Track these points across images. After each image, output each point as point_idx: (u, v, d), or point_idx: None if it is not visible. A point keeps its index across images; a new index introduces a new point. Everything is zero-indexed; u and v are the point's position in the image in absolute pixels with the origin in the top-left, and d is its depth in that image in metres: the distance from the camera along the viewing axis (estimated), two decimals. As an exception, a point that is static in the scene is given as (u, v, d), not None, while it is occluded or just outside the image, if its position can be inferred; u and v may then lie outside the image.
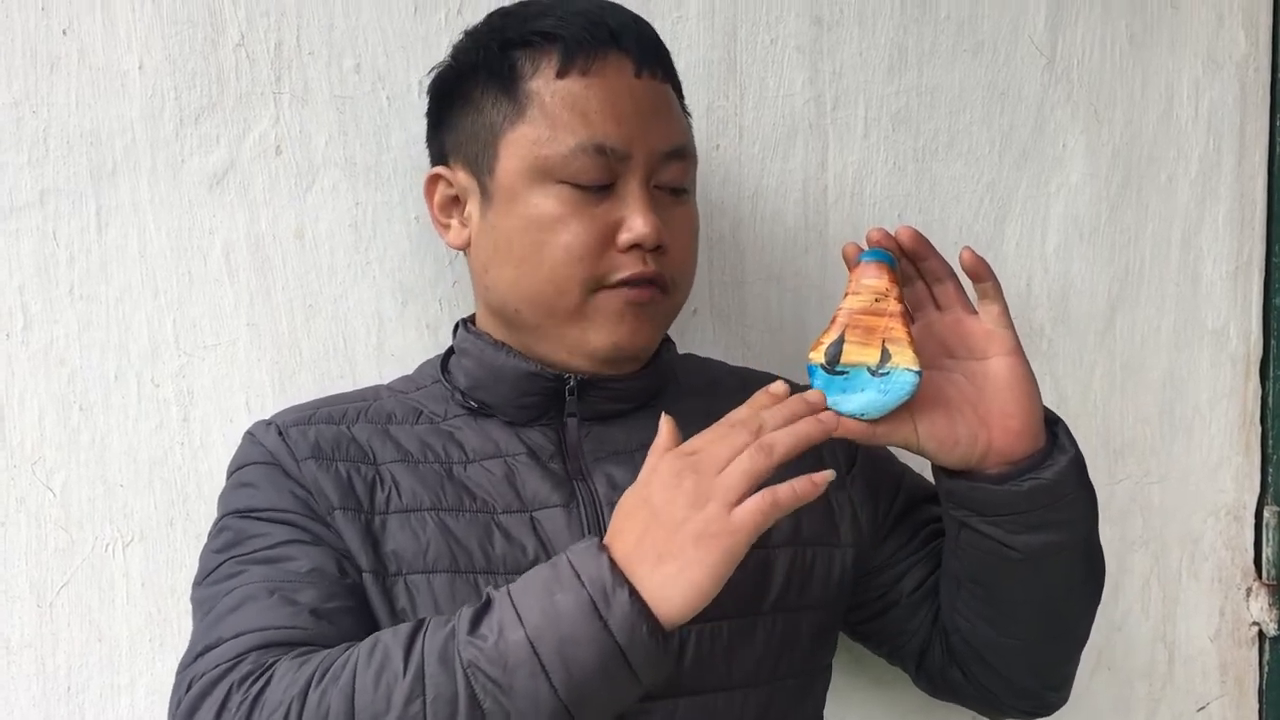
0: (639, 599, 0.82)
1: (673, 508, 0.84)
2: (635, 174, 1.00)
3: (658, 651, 0.83)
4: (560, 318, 1.01)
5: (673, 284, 1.03)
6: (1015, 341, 0.97)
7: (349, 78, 1.20)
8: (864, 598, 1.13)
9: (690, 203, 1.06)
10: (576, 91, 0.99)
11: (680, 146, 1.03)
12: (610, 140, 0.99)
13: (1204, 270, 1.52)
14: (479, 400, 1.05)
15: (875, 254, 0.95)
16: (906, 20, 1.38)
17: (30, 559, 1.14)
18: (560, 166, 0.99)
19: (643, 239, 0.99)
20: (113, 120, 1.14)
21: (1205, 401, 1.52)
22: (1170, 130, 1.49)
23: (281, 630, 0.89)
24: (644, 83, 1.02)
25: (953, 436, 0.96)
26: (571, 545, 0.88)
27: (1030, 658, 1.07)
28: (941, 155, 1.40)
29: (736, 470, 0.85)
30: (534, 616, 0.82)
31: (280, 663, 0.86)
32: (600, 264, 0.99)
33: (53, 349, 1.14)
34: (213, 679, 0.86)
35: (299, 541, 0.95)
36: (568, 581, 0.83)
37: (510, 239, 1.01)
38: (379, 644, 0.85)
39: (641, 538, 0.85)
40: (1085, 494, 0.99)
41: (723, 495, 0.84)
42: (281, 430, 1.00)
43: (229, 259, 1.18)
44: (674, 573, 0.83)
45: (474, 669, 0.81)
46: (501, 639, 0.82)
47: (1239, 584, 1.55)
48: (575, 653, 0.81)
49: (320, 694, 0.82)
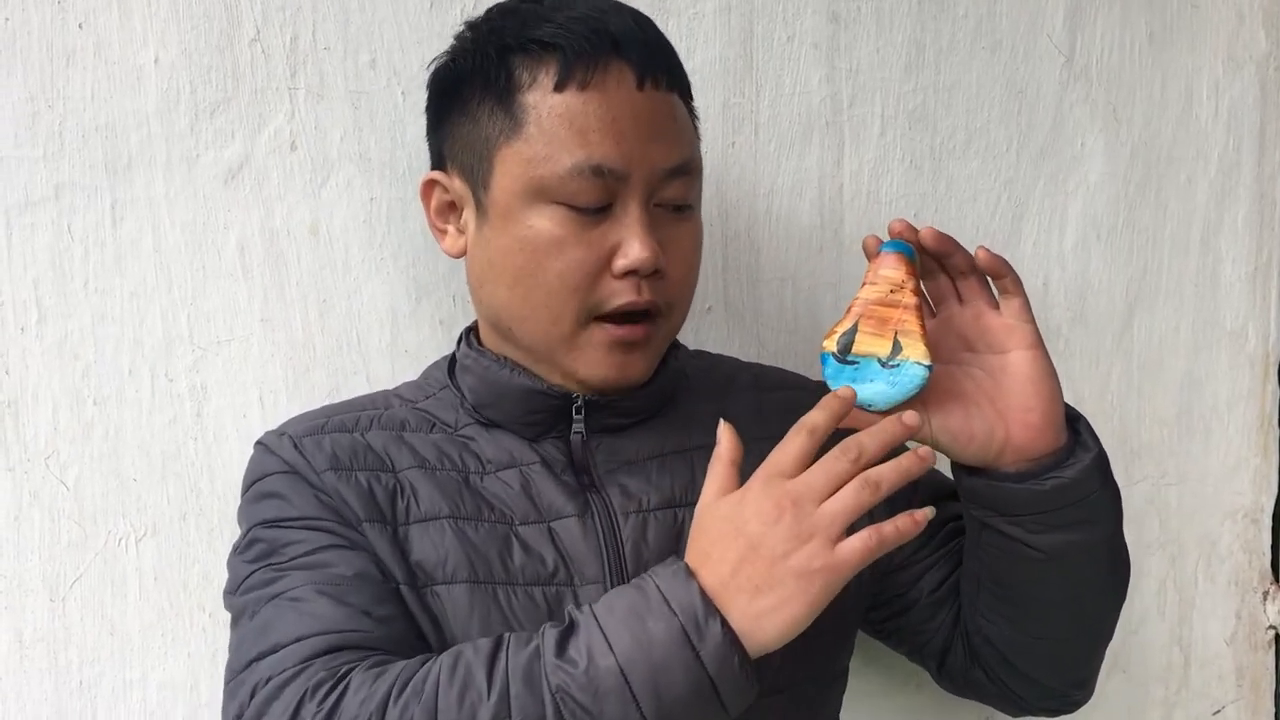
0: (730, 631, 0.82)
1: (773, 540, 0.83)
2: (634, 194, 0.96)
3: (746, 683, 0.83)
4: (552, 344, 0.98)
5: (669, 307, 1.00)
6: (1036, 336, 0.96)
7: (364, 73, 1.20)
8: (884, 597, 1.12)
9: (694, 217, 1.02)
10: (575, 107, 0.95)
11: (683, 163, 0.98)
12: (609, 161, 0.94)
13: (1223, 271, 1.51)
14: (486, 416, 1.03)
15: (895, 245, 0.94)
16: (924, 17, 1.37)
17: (43, 553, 1.14)
18: (557, 187, 0.95)
19: (640, 265, 0.95)
20: (128, 115, 1.14)
21: (1223, 403, 1.52)
22: (1190, 130, 1.48)
23: (343, 634, 0.88)
24: (646, 95, 0.97)
25: (968, 431, 0.95)
26: (654, 567, 0.87)
27: (1054, 657, 1.06)
28: (959, 154, 1.40)
29: (841, 506, 0.84)
30: (624, 643, 0.82)
31: (355, 672, 0.84)
32: (595, 292, 0.96)
33: (67, 343, 1.14)
34: (280, 684, 0.85)
35: (337, 547, 0.93)
36: (657, 608, 0.83)
37: (505, 258, 0.98)
38: (460, 659, 0.84)
39: (738, 568, 0.84)
40: (1109, 492, 0.98)
41: (826, 530, 0.83)
42: (296, 441, 0.99)
43: (243, 254, 1.18)
44: (772, 606, 0.83)
45: (563, 694, 0.81)
46: (592, 665, 0.81)
47: (1255, 587, 1.54)
48: (667, 682, 0.81)
49: (401, 709, 0.81)
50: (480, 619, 0.93)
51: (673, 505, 1.00)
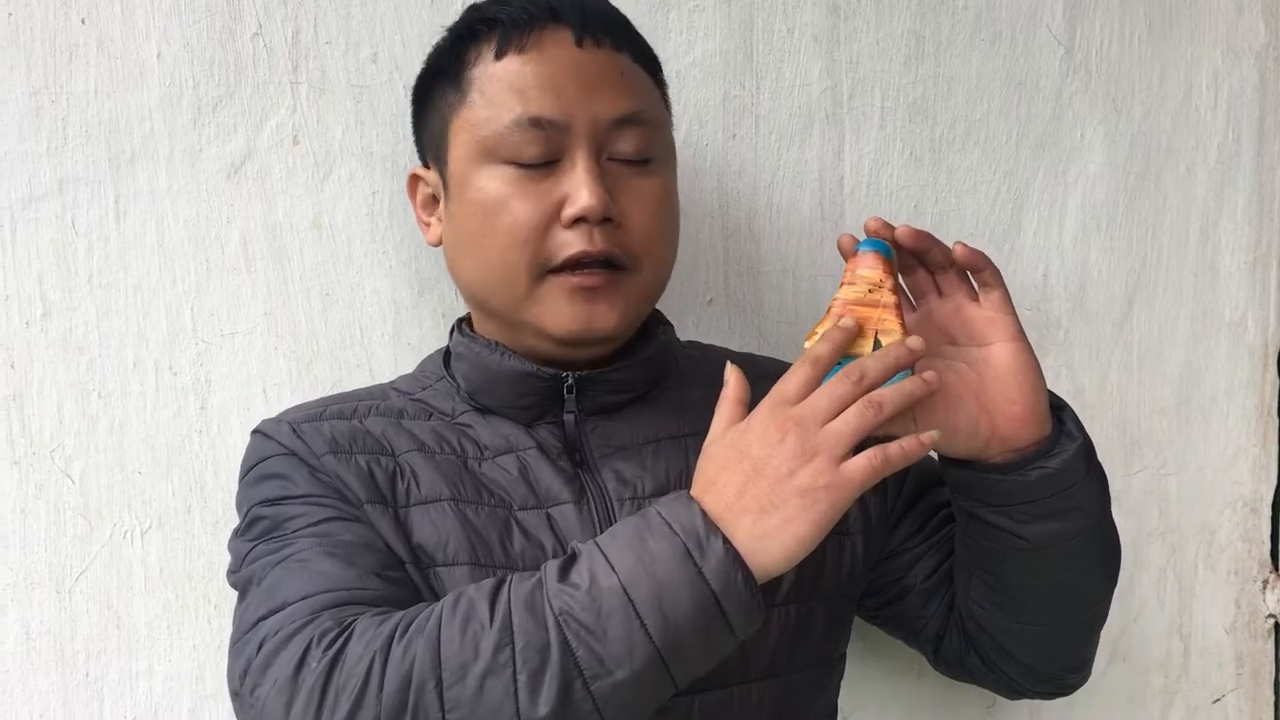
0: (732, 548, 0.82)
1: (777, 460, 0.84)
2: (580, 146, 0.97)
3: (752, 601, 0.83)
4: (514, 303, 0.99)
5: (634, 260, 0.99)
6: (1017, 327, 0.96)
7: (366, 67, 1.20)
8: (878, 584, 1.13)
9: (658, 172, 1.01)
10: (513, 70, 0.97)
11: (631, 113, 0.98)
12: (547, 112, 0.96)
13: (1222, 261, 1.51)
14: (481, 403, 1.04)
15: (871, 244, 0.94)
16: (924, 9, 1.38)
17: (49, 546, 1.15)
18: (499, 145, 0.96)
19: (587, 211, 0.95)
20: (131, 109, 1.15)
21: (1222, 393, 1.52)
22: (1189, 120, 1.49)
23: (352, 590, 0.88)
24: (587, 52, 0.98)
25: (953, 424, 0.95)
26: (658, 500, 0.87)
27: (1048, 642, 1.07)
28: (958, 145, 1.40)
29: (846, 426, 0.84)
30: (626, 563, 0.82)
31: (360, 619, 0.85)
32: (545, 245, 0.97)
33: (71, 337, 1.15)
34: (287, 634, 0.85)
35: (341, 519, 0.94)
36: (659, 530, 0.83)
37: (463, 226, 1.00)
38: (462, 596, 0.84)
39: (742, 490, 0.84)
40: (1095, 479, 0.99)
41: (831, 449, 0.84)
42: (294, 427, 0.99)
43: (246, 248, 1.18)
44: (777, 525, 0.83)
45: (566, 616, 0.81)
46: (594, 586, 0.81)
47: (1255, 576, 1.55)
48: (670, 599, 0.81)
49: (404, 646, 0.81)
50: None
51: (667, 491, 1.00)
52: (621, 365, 1.03)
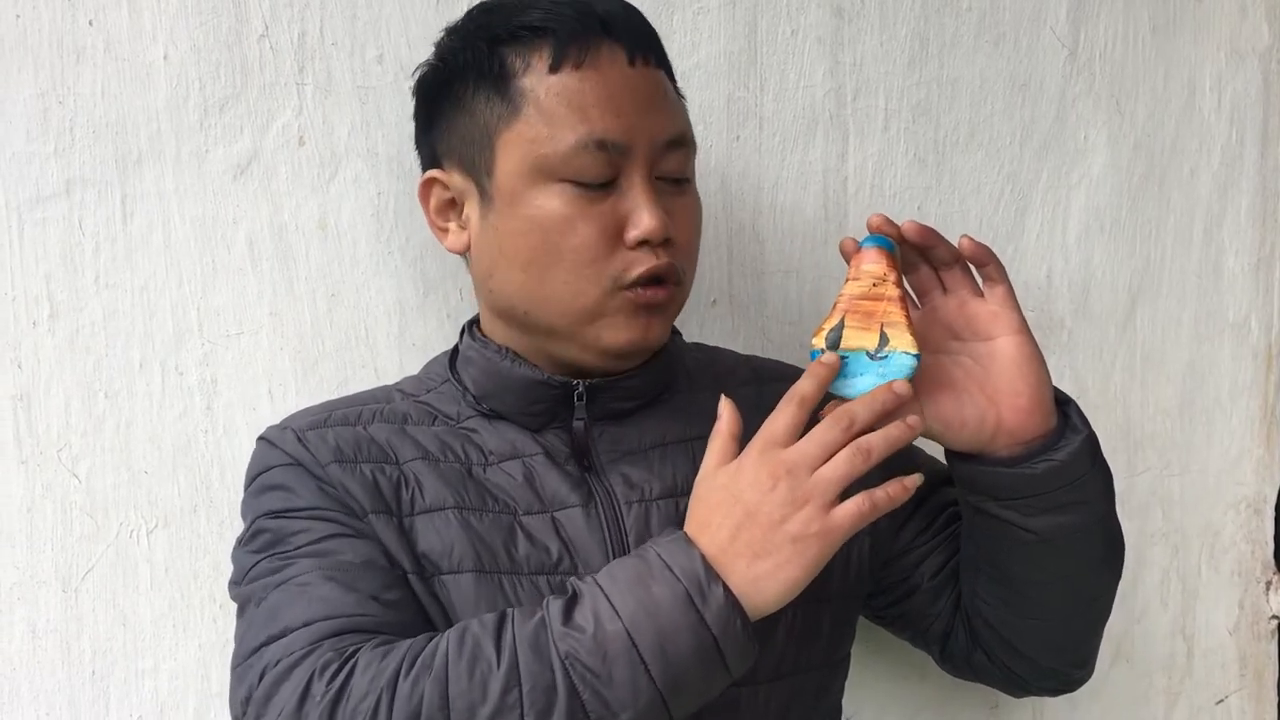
0: (731, 594, 0.85)
1: (769, 506, 0.87)
2: (637, 167, 0.97)
3: (748, 643, 0.86)
4: (575, 319, 0.99)
5: (682, 274, 1.02)
6: (1021, 321, 0.97)
7: (372, 68, 1.21)
8: (885, 584, 1.13)
9: (691, 191, 1.04)
10: (572, 86, 0.96)
11: (679, 134, 1.00)
12: (611, 135, 0.96)
13: (1226, 263, 1.51)
14: (489, 408, 1.04)
15: (875, 240, 0.96)
16: (928, 11, 1.38)
17: (56, 545, 1.15)
18: (561, 165, 0.96)
19: (651, 234, 0.96)
20: (138, 110, 1.15)
21: (1226, 394, 1.52)
22: (1193, 122, 1.49)
23: (352, 618, 0.89)
24: (639, 71, 0.99)
25: (959, 418, 0.96)
26: (654, 538, 0.90)
27: (1053, 638, 1.07)
28: (962, 147, 1.40)
29: (835, 472, 0.87)
30: (629, 607, 0.84)
31: (362, 651, 0.86)
32: (612, 263, 0.97)
33: (78, 337, 1.15)
34: (289, 665, 0.86)
35: (344, 535, 0.94)
36: (661, 574, 0.86)
37: (515, 242, 0.99)
38: (467, 633, 0.85)
39: (736, 534, 0.87)
40: (1100, 473, 1.00)
41: (821, 495, 0.87)
42: (299, 435, 0.99)
43: (252, 248, 1.19)
44: (770, 569, 0.86)
45: (572, 659, 0.83)
46: (599, 630, 0.83)
47: (1259, 577, 1.55)
48: (673, 644, 0.84)
49: (411, 683, 0.83)
50: (487, 608, 0.94)
51: (674, 495, 1.01)
52: (633, 372, 1.04)
